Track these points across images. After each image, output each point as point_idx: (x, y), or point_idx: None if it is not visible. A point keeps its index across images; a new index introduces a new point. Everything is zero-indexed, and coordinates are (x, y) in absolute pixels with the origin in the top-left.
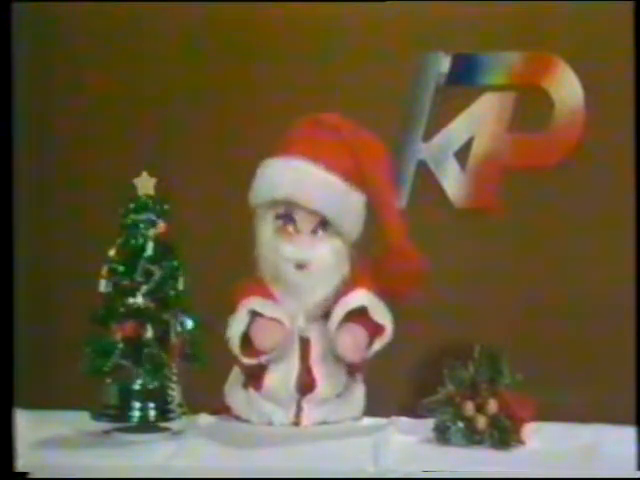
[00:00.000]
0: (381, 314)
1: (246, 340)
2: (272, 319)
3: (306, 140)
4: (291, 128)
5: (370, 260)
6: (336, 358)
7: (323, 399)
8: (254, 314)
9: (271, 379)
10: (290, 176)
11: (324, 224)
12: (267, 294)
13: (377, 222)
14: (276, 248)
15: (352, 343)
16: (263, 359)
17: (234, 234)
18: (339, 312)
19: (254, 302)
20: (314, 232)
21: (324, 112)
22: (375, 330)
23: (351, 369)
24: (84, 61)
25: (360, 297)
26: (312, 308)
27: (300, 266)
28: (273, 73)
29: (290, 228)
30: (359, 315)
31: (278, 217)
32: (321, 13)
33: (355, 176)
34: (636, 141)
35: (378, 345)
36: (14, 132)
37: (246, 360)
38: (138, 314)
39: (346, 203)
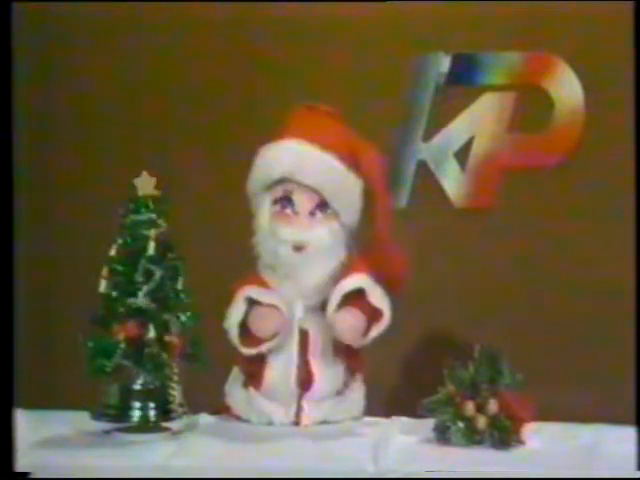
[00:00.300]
0: (379, 297)
1: (245, 331)
2: (269, 306)
3: (302, 124)
4: (288, 116)
5: (364, 250)
6: (335, 351)
7: (322, 396)
8: (251, 303)
9: (271, 375)
10: (287, 155)
11: (322, 206)
12: (263, 283)
13: (368, 216)
14: (274, 231)
15: (351, 323)
16: (263, 348)
17: (234, 233)
18: (337, 294)
19: (250, 290)
20: (312, 214)
21: None
22: (373, 315)
23: (350, 366)
24: (84, 61)
25: (358, 280)
26: (310, 292)
27: (298, 248)
28: (273, 73)
29: (288, 210)
30: (357, 299)
31: (276, 201)
32: (321, 13)
33: (351, 161)
34: (636, 141)
35: (375, 331)
36: (14, 132)
37: (246, 350)
38: (139, 314)
39: (343, 182)
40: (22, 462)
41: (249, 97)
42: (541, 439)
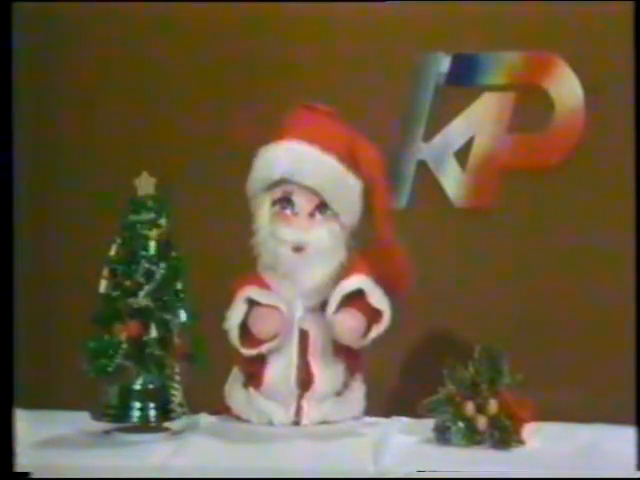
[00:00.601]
0: (378, 298)
1: (245, 331)
2: (269, 306)
3: (301, 125)
4: (287, 116)
5: (364, 251)
6: (335, 351)
7: (322, 396)
8: (251, 304)
9: (271, 375)
10: (286, 156)
11: (321, 207)
12: (263, 284)
13: (368, 215)
14: (274, 232)
15: (350, 324)
16: (263, 348)
17: (234, 234)
18: (337, 295)
19: (250, 291)
20: (311, 215)
21: None
22: (372, 316)
23: (350, 366)
24: (84, 61)
25: (357, 281)
26: (310, 293)
27: (297, 248)
28: (273, 73)
29: (288, 211)
30: (356, 301)
31: (275, 202)
32: (321, 13)
33: (350, 161)
34: (636, 142)
35: (375, 332)
36: (14, 132)
37: (246, 351)
38: (140, 314)
39: (342, 184)
40: (22, 462)
41: (249, 97)
42: (541, 439)
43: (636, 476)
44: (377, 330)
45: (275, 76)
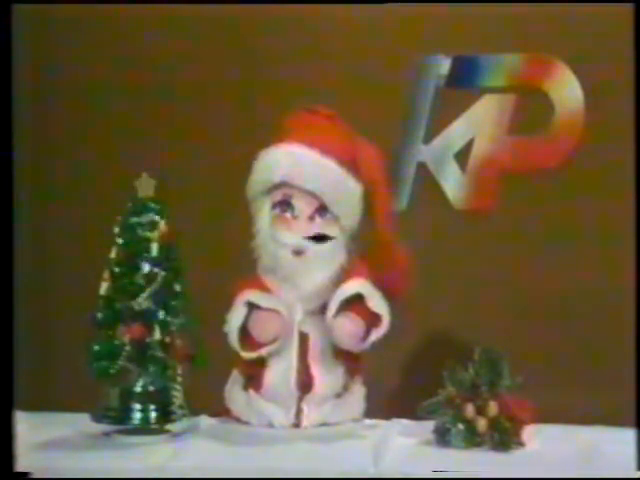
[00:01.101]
0: (378, 303)
1: (245, 334)
2: (269, 310)
3: (302, 128)
4: (287, 119)
5: (364, 254)
6: (335, 354)
7: (322, 399)
8: (251, 307)
9: (271, 377)
10: (286, 159)
11: (321, 211)
12: (263, 287)
13: (368, 217)
14: (274, 236)
15: (349, 329)
16: (263, 351)
17: (235, 236)
18: (336, 300)
19: (250, 294)
20: (311, 218)
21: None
22: (372, 320)
23: (350, 368)
24: (84, 62)
25: (356, 285)
26: (310, 296)
27: (297, 252)
28: (272, 74)
29: (288, 215)
30: (356, 304)
31: (275, 205)
32: (321, 15)
33: (350, 164)
34: (636, 144)
35: (375, 336)
36: (14, 133)
37: (246, 354)
38: (141, 316)
39: (342, 187)
40: (22, 464)
41: (249, 99)
42: (541, 441)
43: (636, 477)
44: (376, 334)
45: (275, 79)
